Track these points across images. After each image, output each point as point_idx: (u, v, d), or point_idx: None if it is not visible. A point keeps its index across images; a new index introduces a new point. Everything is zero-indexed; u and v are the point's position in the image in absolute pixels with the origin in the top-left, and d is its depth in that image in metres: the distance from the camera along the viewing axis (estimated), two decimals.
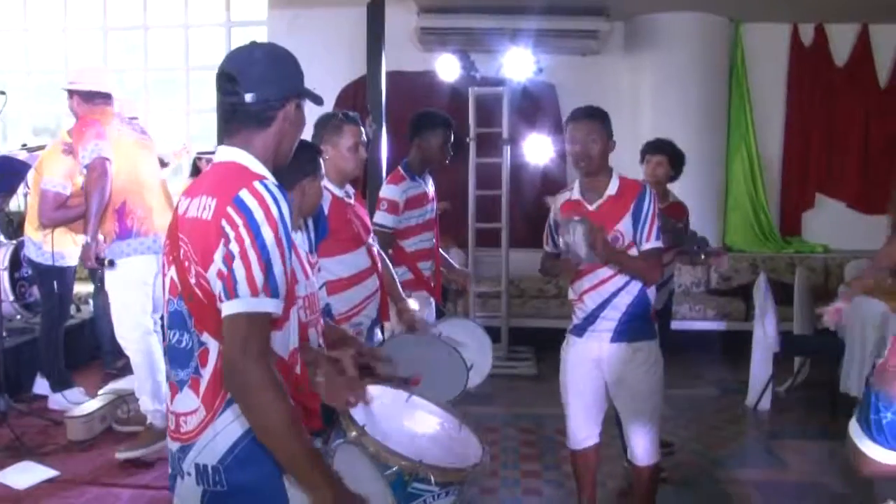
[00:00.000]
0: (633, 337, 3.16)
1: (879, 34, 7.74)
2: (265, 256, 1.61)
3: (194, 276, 1.67)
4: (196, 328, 1.70)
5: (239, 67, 1.77)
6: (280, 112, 1.78)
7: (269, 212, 1.63)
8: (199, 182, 1.82)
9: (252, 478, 1.70)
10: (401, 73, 7.02)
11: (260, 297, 1.60)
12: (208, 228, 1.65)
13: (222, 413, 1.70)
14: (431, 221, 4.13)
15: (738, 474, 4.31)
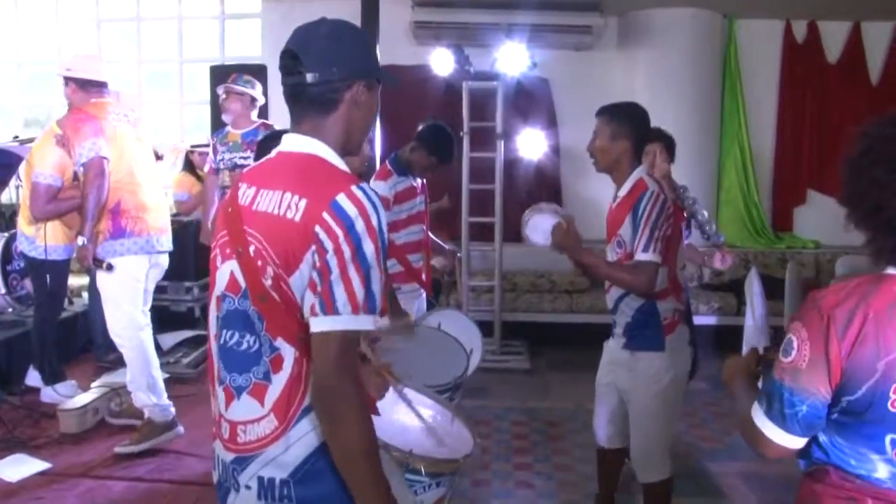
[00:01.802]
0: (636, 346, 3.08)
1: (871, 31, 7.79)
2: (366, 271, 1.49)
3: (271, 279, 1.54)
4: (268, 332, 1.57)
5: (302, 44, 1.61)
6: (346, 94, 1.62)
7: (370, 221, 1.50)
8: (269, 171, 1.66)
9: (323, 492, 1.58)
10: (395, 66, 7.00)
11: (359, 315, 1.49)
12: (296, 231, 1.51)
13: (297, 423, 1.57)
14: (421, 214, 4.15)
15: (728, 467, 4.35)
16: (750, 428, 1.57)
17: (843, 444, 1.50)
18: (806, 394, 1.46)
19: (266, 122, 5.36)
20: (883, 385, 1.40)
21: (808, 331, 1.46)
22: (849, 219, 1.53)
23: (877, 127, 1.48)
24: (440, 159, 4.09)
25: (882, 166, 1.42)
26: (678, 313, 3.08)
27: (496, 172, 6.41)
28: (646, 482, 3.18)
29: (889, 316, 1.40)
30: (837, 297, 1.45)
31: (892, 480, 1.46)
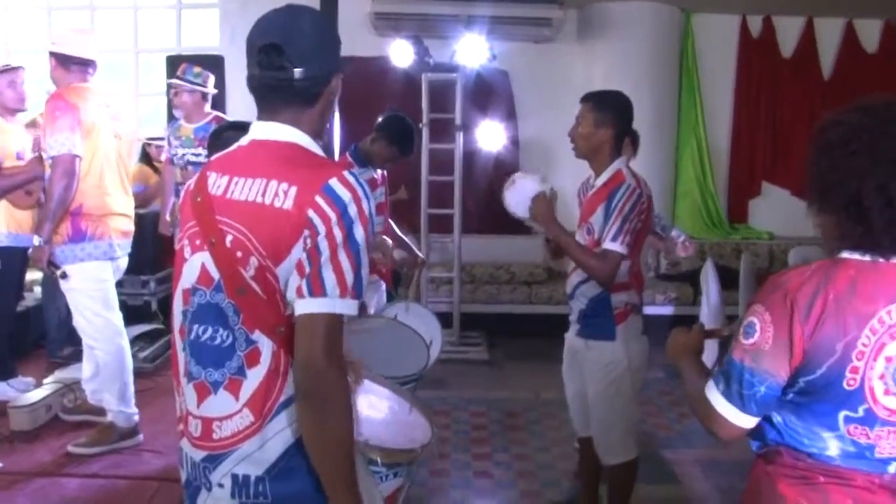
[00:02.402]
0: (588, 334, 3.13)
1: (823, 27, 7.93)
2: (356, 256, 1.49)
3: (253, 269, 1.50)
4: (245, 325, 1.53)
5: (287, 38, 1.57)
6: (326, 88, 1.63)
7: (362, 207, 1.50)
8: (242, 160, 1.62)
9: (299, 489, 1.56)
10: (354, 57, 6.93)
11: (346, 299, 1.47)
12: (287, 218, 1.48)
13: (273, 419, 1.54)
14: (381, 206, 4.14)
15: (683, 454, 4.42)
16: (704, 406, 1.60)
17: (798, 423, 1.54)
18: (766, 375, 1.49)
19: (219, 115, 5.24)
20: (840, 365, 1.44)
21: (771, 313, 1.49)
22: (817, 204, 1.56)
23: (854, 115, 1.50)
24: (401, 150, 4.08)
25: (864, 156, 1.44)
26: (631, 305, 3.11)
27: (455, 164, 6.42)
28: (609, 465, 3.23)
29: (847, 298, 1.44)
30: (800, 279, 1.48)
31: (841, 457, 1.51)
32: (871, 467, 1.51)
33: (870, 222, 1.44)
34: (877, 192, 1.43)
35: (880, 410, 1.47)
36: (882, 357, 1.44)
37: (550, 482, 4.09)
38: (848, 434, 1.49)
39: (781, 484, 1.57)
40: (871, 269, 1.47)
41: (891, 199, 1.42)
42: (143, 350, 5.30)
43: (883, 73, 7.81)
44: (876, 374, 1.45)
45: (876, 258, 1.47)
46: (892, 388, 1.46)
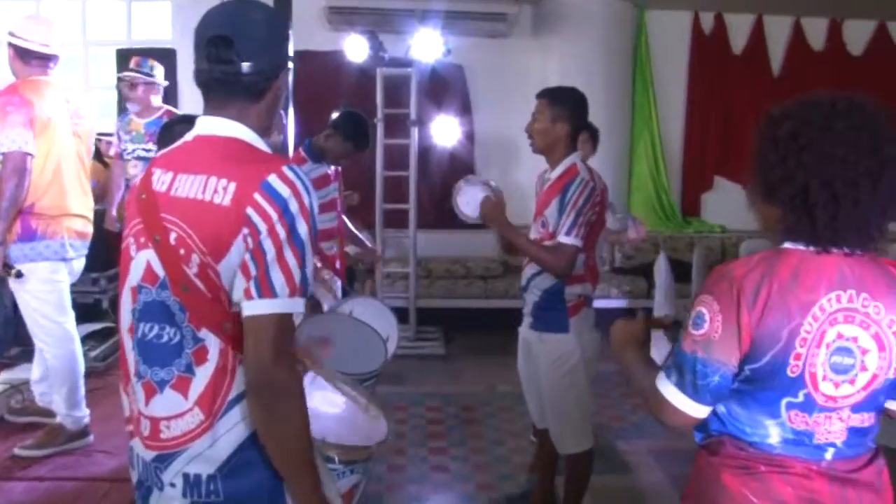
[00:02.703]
0: (541, 327, 3.17)
1: (773, 25, 8.06)
2: (301, 252, 1.47)
3: (196, 266, 1.48)
4: (191, 323, 1.51)
5: (235, 31, 1.54)
6: (274, 83, 1.61)
7: (303, 202, 1.48)
8: (187, 155, 1.59)
9: (252, 486, 1.54)
10: (308, 52, 6.93)
11: (295, 298, 1.46)
12: (225, 215, 1.46)
13: (224, 416, 1.52)
14: (335, 201, 4.12)
15: (637, 444, 4.48)
16: (656, 399, 1.60)
17: (741, 412, 1.56)
18: (718, 364, 1.50)
19: (171, 109, 5.18)
20: (785, 352, 1.47)
21: (719, 303, 1.50)
22: (761, 195, 1.58)
23: (800, 110, 1.52)
24: (356, 146, 4.08)
25: (812, 152, 1.46)
26: (584, 297, 3.14)
27: (410, 159, 6.42)
28: (565, 454, 3.26)
29: (790, 287, 1.47)
30: (745, 269, 1.50)
31: (782, 444, 1.53)
32: (809, 454, 1.53)
33: (814, 216, 1.47)
34: (822, 187, 1.45)
35: (819, 397, 1.50)
36: (823, 344, 1.47)
37: (507, 475, 4.11)
38: (789, 421, 1.52)
39: (724, 474, 1.58)
40: (813, 259, 1.50)
41: (835, 195, 1.45)
42: (94, 349, 5.21)
43: (829, 70, 7.97)
44: (818, 361, 1.48)
45: (818, 249, 1.50)
46: (829, 375, 1.49)
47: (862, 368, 1.50)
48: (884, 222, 1.50)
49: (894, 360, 1.51)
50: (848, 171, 1.44)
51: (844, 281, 1.49)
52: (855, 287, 1.49)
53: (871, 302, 1.49)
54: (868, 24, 8.19)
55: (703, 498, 1.64)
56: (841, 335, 1.48)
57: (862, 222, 1.47)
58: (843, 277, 1.49)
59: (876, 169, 1.45)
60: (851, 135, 1.45)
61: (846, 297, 1.48)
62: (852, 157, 1.44)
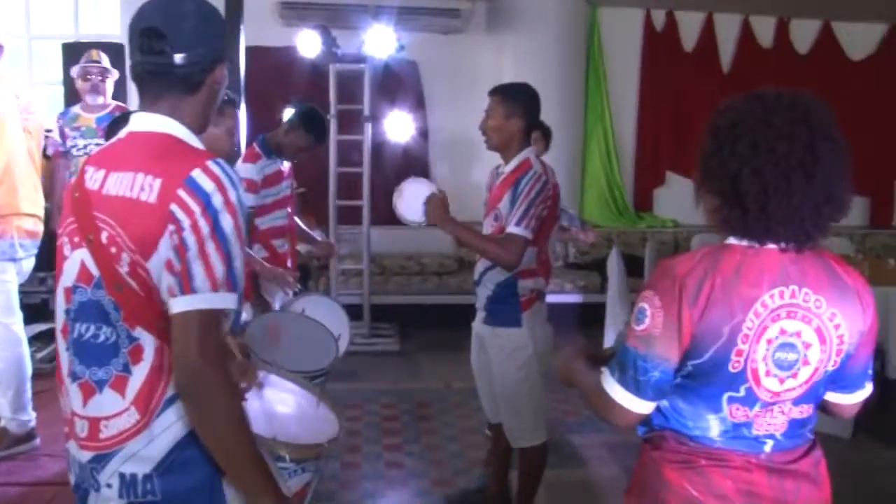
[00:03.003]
0: (494, 321, 3.17)
1: (723, 23, 8.21)
2: (225, 247, 1.45)
3: (127, 265, 1.46)
4: (126, 322, 1.49)
5: (168, 22, 1.52)
6: (209, 76, 1.59)
7: (228, 196, 1.47)
8: (119, 153, 1.57)
9: (190, 484, 1.53)
10: (261, 48, 6.86)
11: (220, 293, 1.44)
12: (151, 212, 1.44)
13: (160, 415, 1.50)
14: (286, 198, 4.08)
15: (591, 438, 4.51)
16: (601, 399, 1.61)
17: (684, 407, 1.57)
18: (659, 360, 1.50)
19: (121, 104, 5.10)
20: (726, 348, 1.47)
21: (660, 298, 1.50)
22: (702, 187, 1.59)
23: (744, 102, 1.53)
24: (317, 139, 4.06)
25: (746, 141, 1.47)
26: (537, 292, 3.16)
27: (364, 155, 6.39)
28: (519, 447, 3.27)
29: (733, 282, 1.47)
30: (688, 265, 1.51)
31: (722, 438, 1.55)
32: (748, 447, 1.55)
33: (745, 206, 1.48)
34: (752, 176, 1.46)
35: (762, 392, 1.51)
36: (763, 339, 1.48)
37: (462, 470, 4.11)
38: (730, 415, 1.53)
39: (666, 469, 1.59)
40: (755, 255, 1.51)
41: (765, 186, 1.45)
42: (41, 350, 5.12)
43: (777, 67, 8.14)
44: (759, 356, 1.49)
45: (753, 243, 1.51)
46: (772, 370, 1.50)
47: (804, 363, 1.51)
48: (821, 219, 1.50)
49: (834, 352, 1.53)
50: (779, 162, 1.45)
51: (787, 277, 1.50)
52: (797, 282, 1.50)
53: (812, 296, 1.50)
54: (814, 24, 8.38)
55: (645, 492, 1.65)
56: (784, 331, 1.49)
57: (795, 216, 1.47)
58: (785, 273, 1.50)
59: (809, 164, 1.45)
60: (788, 128, 1.46)
61: (788, 293, 1.49)
62: (785, 149, 1.45)
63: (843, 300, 1.53)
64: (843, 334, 1.53)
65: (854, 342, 1.56)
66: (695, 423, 1.56)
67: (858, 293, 1.55)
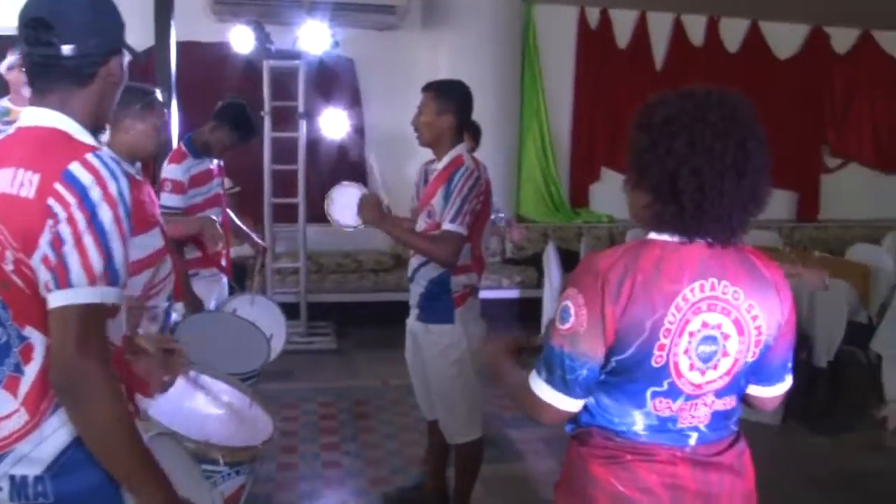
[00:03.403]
0: (428, 318, 3.18)
1: (655, 21, 8.35)
2: (104, 240, 1.41)
3: (12, 263, 1.43)
4: (16, 321, 1.46)
5: (55, 12, 1.48)
6: (103, 68, 1.54)
7: (107, 188, 1.42)
8: (6, 149, 1.53)
9: (84, 486, 1.48)
10: (193, 43, 6.72)
11: (98, 287, 1.41)
12: (30, 208, 1.41)
13: (52, 416, 1.47)
14: (218, 197, 4.02)
15: (529, 433, 4.55)
16: (529, 399, 1.61)
17: (609, 403, 1.57)
18: (585, 357, 1.51)
19: None
20: (649, 343, 1.49)
21: (584, 296, 1.51)
22: (633, 182, 1.59)
23: (675, 99, 1.53)
24: (243, 136, 4.00)
25: (682, 139, 1.47)
26: (470, 288, 3.17)
27: (299, 153, 6.30)
28: (455, 444, 3.29)
29: (654, 277, 1.48)
30: (609, 261, 1.51)
31: (647, 432, 1.56)
32: (673, 441, 1.57)
33: (681, 204, 1.48)
34: (691, 174, 1.47)
35: (685, 385, 1.53)
36: (686, 333, 1.50)
37: (399, 468, 4.12)
38: (654, 409, 1.55)
39: (593, 464, 1.60)
40: (675, 250, 1.52)
41: (702, 184, 1.47)
42: None
43: (708, 64, 8.31)
44: (681, 350, 1.51)
45: (683, 239, 1.53)
46: (695, 363, 1.52)
47: (724, 354, 1.54)
48: (745, 216, 1.52)
49: (753, 343, 1.56)
50: (716, 161, 1.46)
51: (706, 270, 1.51)
52: (716, 275, 1.52)
53: (731, 288, 1.53)
54: (743, 23, 8.59)
55: (572, 487, 1.67)
56: (706, 324, 1.51)
57: (725, 214, 1.49)
58: (704, 266, 1.52)
59: (741, 162, 1.47)
60: (722, 126, 1.48)
61: (708, 286, 1.51)
62: (721, 147, 1.46)
63: (761, 292, 1.56)
64: (760, 325, 1.55)
65: (773, 334, 1.58)
66: (620, 419, 1.57)
67: (776, 286, 1.59)
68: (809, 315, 4.92)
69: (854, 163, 9.30)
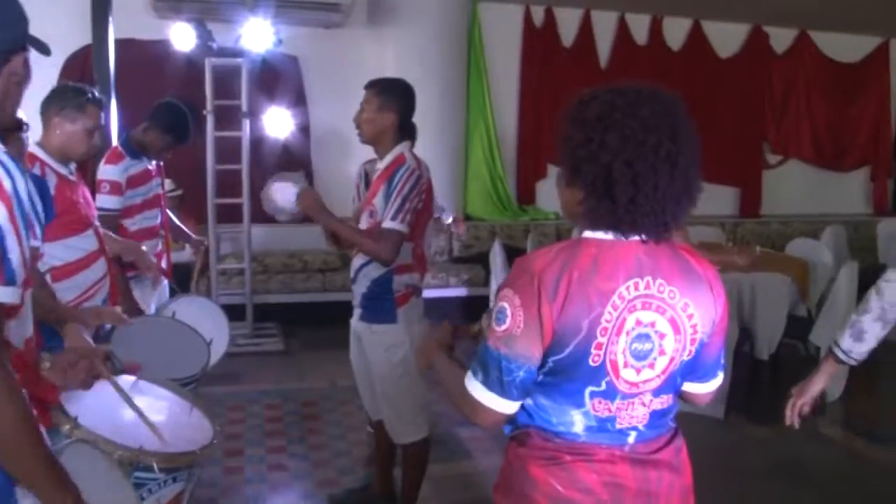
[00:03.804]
0: (370, 318, 3.16)
1: (600, 20, 8.43)
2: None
3: None
4: None
5: None
6: (5, 66, 1.49)
7: (1, 186, 1.38)
8: None
9: None
10: (133, 41, 6.60)
11: None
12: None
13: None
14: (157, 198, 3.95)
15: (477, 431, 4.52)
16: (466, 401, 1.59)
17: (547, 403, 1.56)
18: (522, 359, 1.50)
19: None
20: (586, 342, 1.47)
21: (520, 297, 1.49)
22: (567, 179, 1.57)
23: (607, 94, 1.52)
24: (176, 138, 3.93)
25: (615, 133, 1.46)
26: (413, 287, 3.16)
27: (243, 152, 6.22)
28: (401, 444, 3.28)
29: (590, 276, 1.47)
30: (545, 260, 1.50)
31: (586, 433, 1.56)
32: (612, 440, 1.57)
33: (614, 200, 1.48)
34: (625, 167, 1.46)
35: (621, 384, 1.53)
36: (623, 332, 1.50)
37: (346, 469, 4.09)
38: (592, 409, 1.54)
39: (532, 466, 1.59)
40: (610, 248, 1.51)
41: (636, 178, 1.46)
42: None
43: (652, 63, 8.42)
44: (618, 349, 1.50)
45: (618, 236, 1.52)
46: (630, 362, 1.52)
47: (660, 353, 1.54)
48: (679, 211, 1.52)
49: (688, 341, 1.56)
50: (648, 155, 1.46)
51: (641, 268, 1.51)
52: (651, 273, 1.52)
53: (666, 287, 1.53)
54: (685, 22, 8.72)
55: (511, 489, 1.65)
56: (640, 322, 1.51)
57: (659, 210, 1.48)
58: (639, 264, 1.51)
59: (673, 155, 1.47)
60: (653, 121, 1.47)
61: (643, 284, 1.51)
62: (654, 141, 1.46)
63: (696, 290, 1.56)
64: (696, 324, 1.56)
65: (707, 331, 1.59)
66: (559, 420, 1.56)
67: (710, 283, 1.59)
68: (751, 309, 5.02)
69: (794, 159, 9.51)
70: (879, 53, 9.62)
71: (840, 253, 7.11)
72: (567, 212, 1.63)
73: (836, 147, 9.63)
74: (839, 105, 9.54)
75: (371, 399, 3.39)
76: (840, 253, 7.11)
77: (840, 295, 5.05)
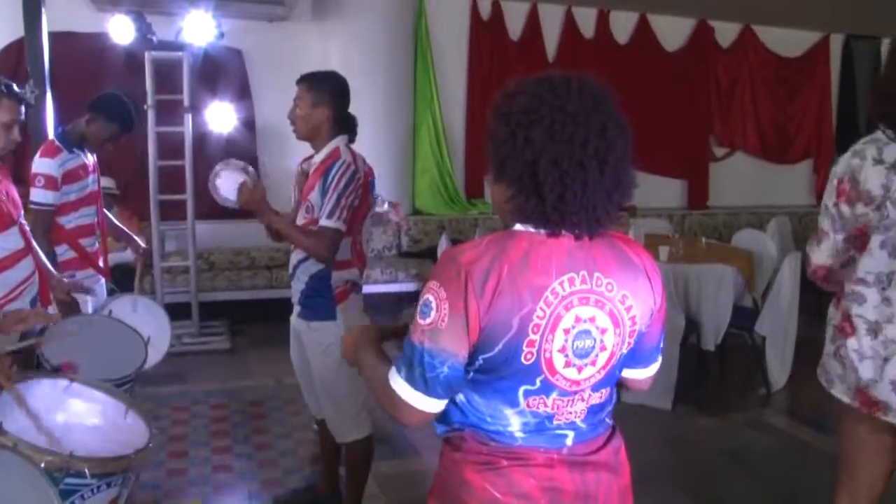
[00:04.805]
0: (309, 315, 3.11)
1: (547, 13, 8.45)
2: None
3: None
4: None
5: None
6: None
7: None
8: None
9: None
10: (69, 33, 6.44)
11: None
12: None
13: None
14: (94, 194, 3.85)
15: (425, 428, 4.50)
16: (388, 397, 1.52)
17: (481, 402, 1.51)
18: (446, 355, 1.43)
19: None
20: (517, 340, 1.42)
21: (446, 290, 1.42)
22: (494, 175, 1.51)
23: (535, 86, 1.45)
24: (121, 126, 3.83)
25: (541, 129, 1.41)
26: (352, 283, 3.12)
27: (185, 147, 6.09)
28: (343, 442, 3.23)
29: (521, 271, 1.41)
30: (474, 253, 1.44)
31: (523, 434, 1.51)
32: (549, 443, 1.53)
33: (542, 196, 1.42)
34: (551, 165, 1.41)
35: (560, 381, 1.48)
36: (560, 329, 1.45)
37: (292, 469, 4.03)
38: (528, 407, 1.49)
39: (467, 471, 1.54)
40: (542, 242, 1.46)
41: (563, 175, 1.40)
42: None
43: (599, 56, 8.46)
44: (555, 347, 1.45)
45: (548, 232, 1.47)
46: (572, 360, 1.47)
47: (601, 348, 1.50)
48: (611, 207, 1.47)
49: (627, 334, 1.53)
50: (576, 151, 1.41)
51: (575, 262, 1.46)
52: (586, 267, 1.47)
53: (603, 280, 1.48)
54: (632, 16, 8.78)
55: (447, 494, 1.60)
56: (579, 318, 1.46)
57: (589, 206, 1.43)
58: (573, 259, 1.46)
59: (603, 152, 1.42)
60: (582, 115, 1.42)
61: (579, 279, 1.46)
62: (582, 137, 1.41)
63: (633, 280, 1.52)
64: (634, 315, 1.52)
65: (646, 322, 1.56)
66: (494, 419, 1.51)
67: (647, 272, 1.55)
68: (697, 300, 5.06)
69: (740, 152, 9.66)
70: (820, 48, 9.83)
71: (785, 243, 7.24)
72: (497, 207, 1.57)
73: (781, 140, 9.81)
74: (783, 98, 9.73)
75: (313, 397, 3.34)
76: (785, 243, 7.24)
77: (784, 285, 5.13)
